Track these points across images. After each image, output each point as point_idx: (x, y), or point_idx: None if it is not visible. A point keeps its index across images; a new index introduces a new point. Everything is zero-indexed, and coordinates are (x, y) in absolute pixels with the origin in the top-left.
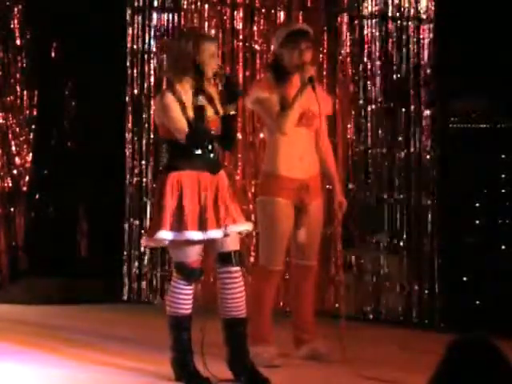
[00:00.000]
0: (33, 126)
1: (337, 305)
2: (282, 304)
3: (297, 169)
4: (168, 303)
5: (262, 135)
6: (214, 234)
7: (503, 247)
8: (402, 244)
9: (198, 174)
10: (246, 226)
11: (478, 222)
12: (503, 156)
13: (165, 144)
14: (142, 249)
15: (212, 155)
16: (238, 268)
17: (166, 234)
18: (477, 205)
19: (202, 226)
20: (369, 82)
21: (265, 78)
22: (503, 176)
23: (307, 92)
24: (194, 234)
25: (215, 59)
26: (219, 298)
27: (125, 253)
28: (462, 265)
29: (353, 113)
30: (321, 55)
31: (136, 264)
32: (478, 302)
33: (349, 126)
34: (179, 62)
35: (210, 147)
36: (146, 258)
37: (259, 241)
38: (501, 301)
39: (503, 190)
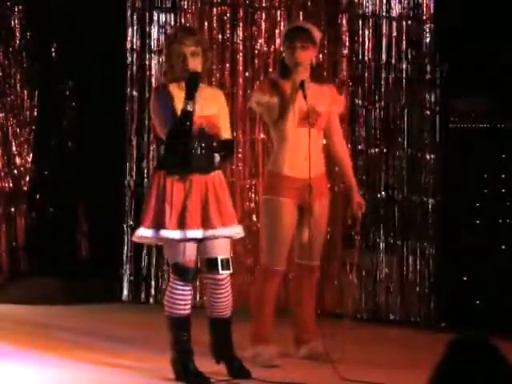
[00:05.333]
0: (33, 127)
1: (338, 309)
2: (282, 303)
3: (301, 168)
4: (166, 304)
5: (262, 135)
6: (194, 234)
7: (503, 247)
8: (402, 244)
9: (187, 174)
10: (236, 230)
11: (478, 221)
12: (503, 156)
13: (159, 142)
14: (141, 249)
15: (201, 155)
16: (224, 275)
17: (145, 232)
18: (477, 204)
19: (181, 225)
20: (369, 82)
21: (268, 79)
22: (503, 176)
23: (313, 91)
24: (172, 233)
25: (187, 60)
26: (207, 298)
27: (124, 253)
28: (462, 264)
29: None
30: (321, 55)
31: (135, 264)
32: (477, 302)
33: (345, 126)
34: (165, 66)
35: (200, 147)
36: (145, 258)
37: (261, 240)
38: (501, 300)
39: (503, 190)
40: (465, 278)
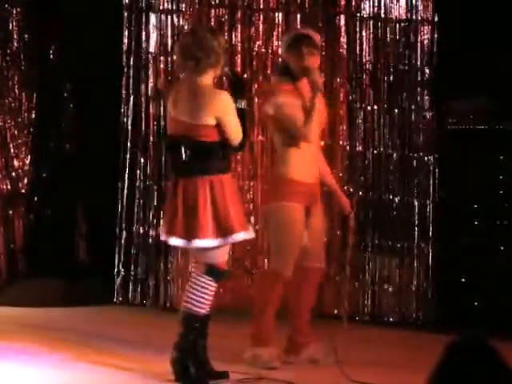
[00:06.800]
0: (31, 129)
1: (335, 311)
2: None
3: (307, 173)
4: (189, 301)
5: (260, 137)
6: (239, 237)
7: (502, 248)
8: (401, 244)
9: (231, 176)
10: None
11: (476, 222)
12: (502, 157)
13: (199, 146)
14: (140, 250)
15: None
16: None
17: (211, 243)
18: (475, 206)
19: (247, 227)
20: (367, 84)
21: (281, 82)
22: (501, 177)
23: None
24: (240, 236)
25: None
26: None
27: (123, 255)
28: (460, 265)
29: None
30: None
31: (134, 266)
32: (476, 303)
33: (343, 127)
34: (207, 56)
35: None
36: (144, 259)
37: (271, 246)
38: (500, 301)
39: (501, 191)
40: (464, 279)
